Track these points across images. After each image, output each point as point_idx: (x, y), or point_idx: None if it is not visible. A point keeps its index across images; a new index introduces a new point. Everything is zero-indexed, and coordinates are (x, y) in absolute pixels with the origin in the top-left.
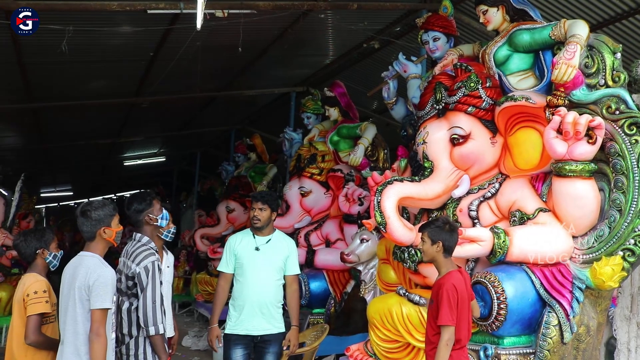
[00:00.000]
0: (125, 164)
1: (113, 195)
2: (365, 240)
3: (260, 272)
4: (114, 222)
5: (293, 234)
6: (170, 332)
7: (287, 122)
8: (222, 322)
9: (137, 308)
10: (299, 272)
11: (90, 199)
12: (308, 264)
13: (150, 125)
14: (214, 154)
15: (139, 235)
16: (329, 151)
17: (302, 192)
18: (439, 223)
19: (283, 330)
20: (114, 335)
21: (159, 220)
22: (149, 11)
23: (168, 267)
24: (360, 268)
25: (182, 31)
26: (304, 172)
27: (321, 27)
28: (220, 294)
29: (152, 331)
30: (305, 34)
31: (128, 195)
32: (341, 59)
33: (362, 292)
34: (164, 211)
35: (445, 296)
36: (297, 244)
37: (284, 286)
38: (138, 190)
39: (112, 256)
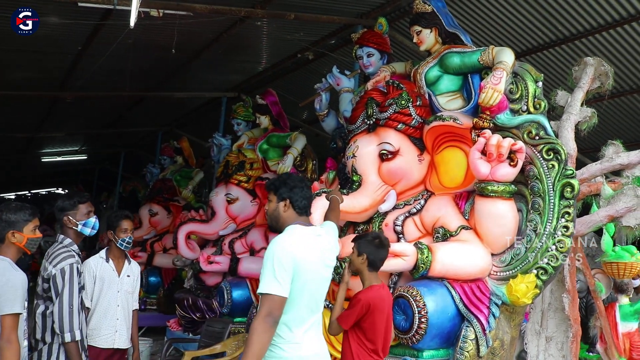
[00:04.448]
0: (43, 160)
1: (28, 192)
2: None
3: None
4: (27, 227)
5: (217, 240)
6: (125, 344)
7: (216, 127)
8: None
9: (52, 312)
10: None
11: (9, 200)
12: (232, 272)
13: (73, 121)
14: (139, 155)
15: (62, 237)
16: (258, 159)
17: (229, 199)
18: (369, 237)
19: None
20: (26, 342)
21: (79, 226)
22: (80, 4)
23: (128, 276)
24: None
25: (114, 27)
26: (232, 179)
27: (257, 34)
28: None
29: (67, 337)
30: (241, 40)
31: (44, 192)
32: (275, 67)
33: None
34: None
35: (358, 307)
36: (221, 251)
37: None
38: (59, 189)
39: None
